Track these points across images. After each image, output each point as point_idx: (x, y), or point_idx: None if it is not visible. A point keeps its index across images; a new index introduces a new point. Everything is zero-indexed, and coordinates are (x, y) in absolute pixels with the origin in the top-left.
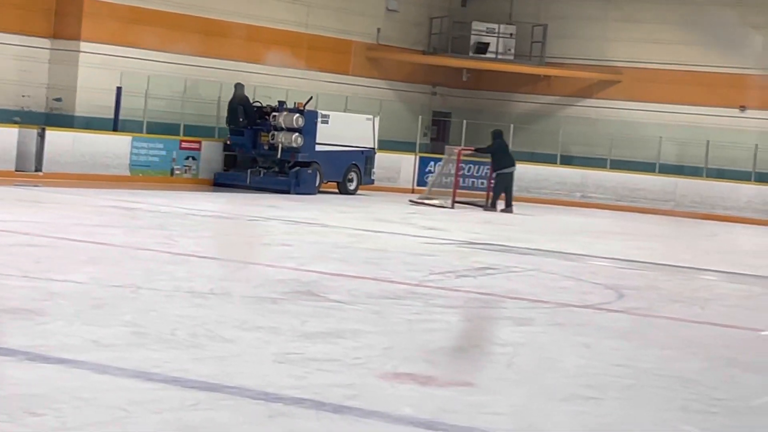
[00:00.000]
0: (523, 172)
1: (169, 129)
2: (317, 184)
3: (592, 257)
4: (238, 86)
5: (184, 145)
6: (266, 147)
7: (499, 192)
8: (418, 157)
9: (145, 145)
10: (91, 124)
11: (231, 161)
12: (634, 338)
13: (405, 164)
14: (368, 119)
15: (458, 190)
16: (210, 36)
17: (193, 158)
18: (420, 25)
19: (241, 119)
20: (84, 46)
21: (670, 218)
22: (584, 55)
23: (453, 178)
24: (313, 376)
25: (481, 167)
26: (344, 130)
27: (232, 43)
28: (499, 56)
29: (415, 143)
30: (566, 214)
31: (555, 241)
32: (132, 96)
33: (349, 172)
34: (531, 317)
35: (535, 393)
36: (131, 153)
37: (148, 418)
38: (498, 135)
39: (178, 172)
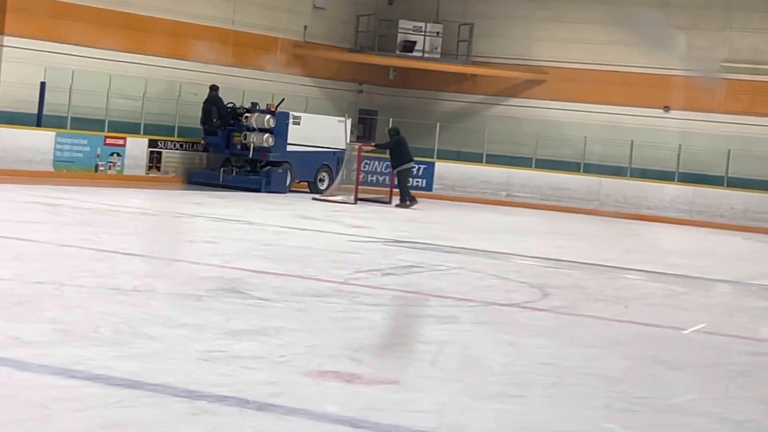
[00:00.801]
0: (448, 170)
1: (94, 125)
2: (288, 183)
3: (517, 256)
4: (213, 87)
5: (108, 141)
6: (239, 147)
7: (407, 187)
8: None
9: (69, 140)
10: (14, 119)
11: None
12: (558, 337)
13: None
14: (340, 121)
15: (364, 187)
16: (136, 31)
17: (118, 154)
18: (347, 22)
19: (214, 120)
20: (8, 40)
21: (595, 217)
22: (510, 54)
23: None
24: (237, 374)
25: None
26: (316, 131)
27: (157, 39)
28: (426, 55)
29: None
30: (491, 212)
31: (480, 240)
32: (56, 91)
33: (321, 173)
34: (456, 315)
35: (459, 391)
36: (55, 149)
37: (70, 416)
38: (395, 132)
39: (102, 168)
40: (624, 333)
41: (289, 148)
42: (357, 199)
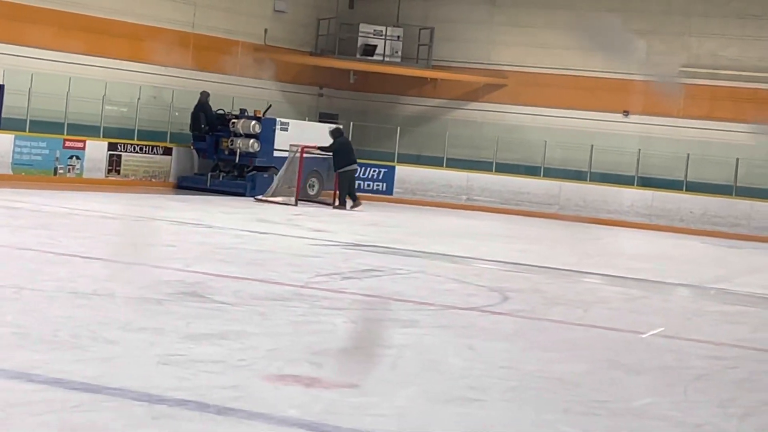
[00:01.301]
0: (409, 174)
1: (53, 128)
2: (275, 188)
3: (477, 260)
4: (203, 94)
5: (67, 144)
6: (226, 152)
7: (345, 190)
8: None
9: (27, 143)
10: None
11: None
12: (518, 340)
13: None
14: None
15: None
16: (95, 34)
17: (77, 157)
18: (307, 26)
19: (202, 126)
20: None
21: (555, 221)
22: (470, 58)
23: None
24: (197, 378)
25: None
26: (305, 137)
27: (117, 42)
28: (386, 58)
29: None
30: (452, 216)
31: (440, 244)
32: (15, 94)
33: (310, 178)
34: (416, 319)
35: (419, 394)
36: (14, 152)
37: (28, 420)
38: (339, 133)
39: (61, 171)
40: (583, 337)
41: (277, 153)
42: (298, 201)
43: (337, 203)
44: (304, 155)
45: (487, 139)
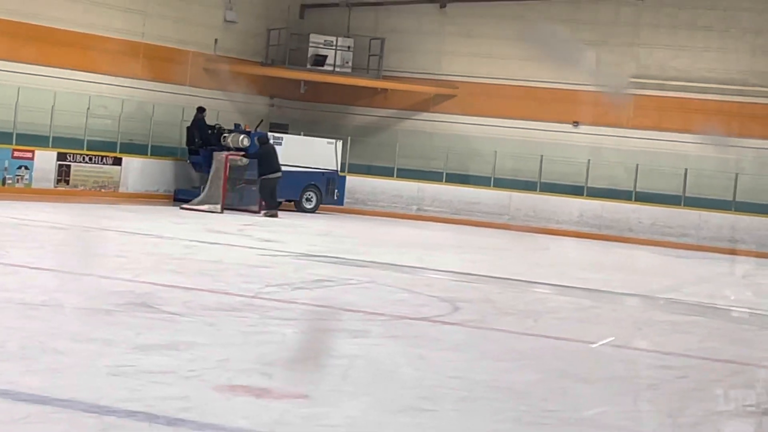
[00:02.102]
0: (359, 184)
1: (1, 137)
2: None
3: (427, 270)
4: (199, 110)
5: (16, 153)
6: None
7: (266, 197)
8: None
9: None
10: None
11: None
12: (469, 350)
13: None
14: (330, 143)
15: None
16: (45, 44)
17: (26, 167)
18: (258, 36)
19: (196, 140)
20: None
21: (505, 232)
22: (421, 69)
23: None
24: (146, 389)
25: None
26: (300, 152)
27: (67, 52)
28: (337, 69)
29: None
30: (402, 226)
31: (391, 254)
32: None
33: (307, 192)
34: (367, 329)
35: (370, 405)
36: None
37: None
38: (264, 140)
39: (10, 181)
40: (533, 347)
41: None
42: (224, 209)
43: (264, 210)
44: (303, 170)
45: (438, 149)
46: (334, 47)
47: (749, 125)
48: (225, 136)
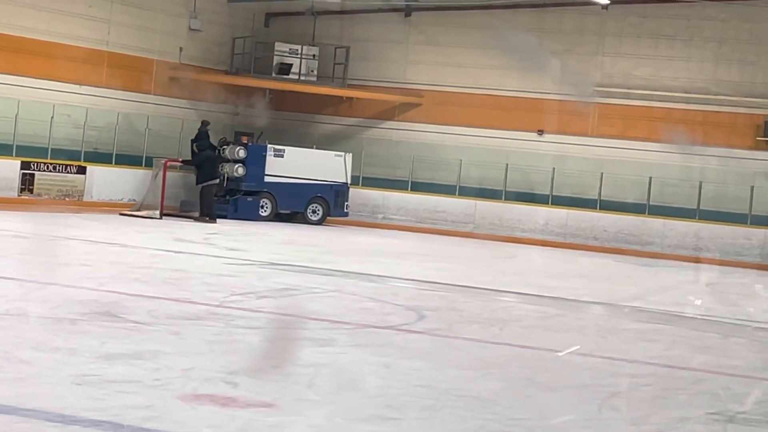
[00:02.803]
0: None
1: None
2: (268, 212)
3: (393, 278)
4: (203, 123)
5: None
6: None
7: (211, 203)
8: None
9: None
10: None
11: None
12: (434, 359)
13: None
14: (338, 156)
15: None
16: (8, 52)
17: None
18: (223, 44)
19: (195, 152)
20: None
21: (470, 240)
22: (386, 77)
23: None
24: (111, 398)
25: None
26: (305, 164)
27: (31, 60)
28: (302, 77)
29: None
30: (367, 235)
31: (356, 262)
32: None
33: (312, 204)
34: (332, 338)
35: (336, 413)
36: None
37: None
38: (203, 147)
39: None
40: (499, 355)
41: (269, 179)
42: (162, 214)
43: (202, 216)
44: (307, 182)
45: (403, 157)
46: (299, 56)
47: (713, 134)
48: (224, 148)
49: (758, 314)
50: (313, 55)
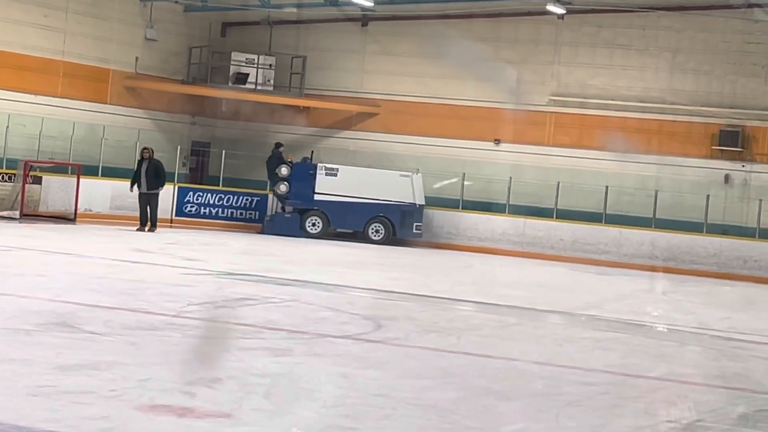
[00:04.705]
0: None
1: None
2: (319, 229)
3: (350, 288)
4: (276, 145)
5: None
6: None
7: (143, 211)
8: (176, 188)
9: None
10: None
11: None
12: (392, 368)
13: (164, 194)
14: (404, 176)
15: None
16: None
17: None
18: (179, 54)
19: (268, 172)
20: None
21: (427, 249)
22: (343, 86)
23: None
24: (67, 409)
25: None
26: (362, 183)
27: None
28: (259, 87)
29: (174, 173)
30: (324, 245)
31: (313, 272)
32: None
33: (373, 223)
34: (289, 348)
35: (293, 423)
36: None
37: None
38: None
39: None
40: (456, 364)
41: (319, 197)
42: (22, 215)
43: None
44: (367, 201)
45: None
46: (255, 65)
47: (668, 143)
48: (280, 167)
49: (714, 322)
50: (270, 65)
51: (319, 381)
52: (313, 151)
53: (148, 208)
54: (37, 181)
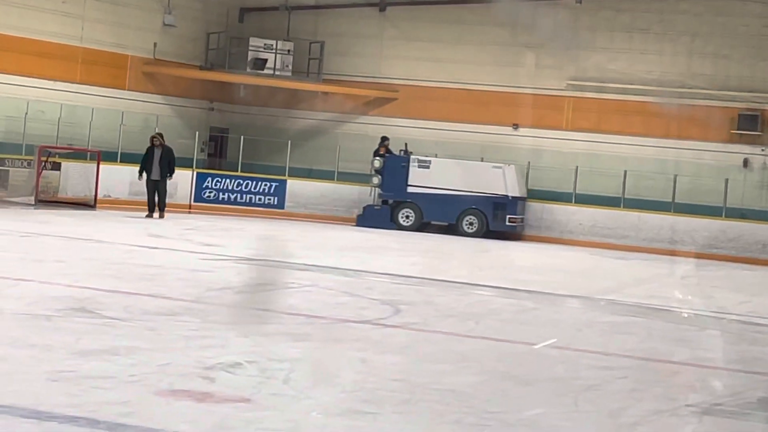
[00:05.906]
0: (300, 188)
1: None
2: (411, 221)
3: (369, 273)
4: (382, 138)
5: None
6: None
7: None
8: (195, 173)
9: None
10: None
11: None
12: (410, 353)
13: (182, 180)
14: (496, 168)
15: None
16: None
17: None
18: (197, 40)
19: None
20: None
21: (444, 235)
22: (361, 72)
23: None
24: (87, 394)
25: None
26: (454, 175)
27: (3, 56)
28: (277, 72)
29: (192, 159)
30: (343, 230)
31: (332, 257)
32: None
33: (467, 215)
34: (308, 333)
35: (312, 408)
36: None
37: None
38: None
39: None
40: (475, 349)
41: (412, 189)
42: (38, 201)
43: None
44: (459, 193)
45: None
46: (273, 51)
47: (687, 127)
48: (373, 159)
49: (733, 307)
50: (288, 50)
51: (338, 366)
52: (406, 144)
53: (156, 193)
54: (56, 167)
